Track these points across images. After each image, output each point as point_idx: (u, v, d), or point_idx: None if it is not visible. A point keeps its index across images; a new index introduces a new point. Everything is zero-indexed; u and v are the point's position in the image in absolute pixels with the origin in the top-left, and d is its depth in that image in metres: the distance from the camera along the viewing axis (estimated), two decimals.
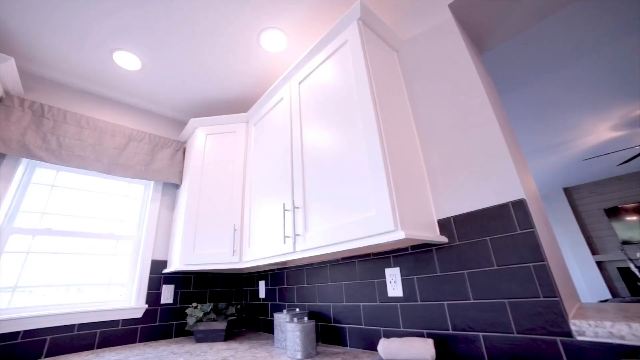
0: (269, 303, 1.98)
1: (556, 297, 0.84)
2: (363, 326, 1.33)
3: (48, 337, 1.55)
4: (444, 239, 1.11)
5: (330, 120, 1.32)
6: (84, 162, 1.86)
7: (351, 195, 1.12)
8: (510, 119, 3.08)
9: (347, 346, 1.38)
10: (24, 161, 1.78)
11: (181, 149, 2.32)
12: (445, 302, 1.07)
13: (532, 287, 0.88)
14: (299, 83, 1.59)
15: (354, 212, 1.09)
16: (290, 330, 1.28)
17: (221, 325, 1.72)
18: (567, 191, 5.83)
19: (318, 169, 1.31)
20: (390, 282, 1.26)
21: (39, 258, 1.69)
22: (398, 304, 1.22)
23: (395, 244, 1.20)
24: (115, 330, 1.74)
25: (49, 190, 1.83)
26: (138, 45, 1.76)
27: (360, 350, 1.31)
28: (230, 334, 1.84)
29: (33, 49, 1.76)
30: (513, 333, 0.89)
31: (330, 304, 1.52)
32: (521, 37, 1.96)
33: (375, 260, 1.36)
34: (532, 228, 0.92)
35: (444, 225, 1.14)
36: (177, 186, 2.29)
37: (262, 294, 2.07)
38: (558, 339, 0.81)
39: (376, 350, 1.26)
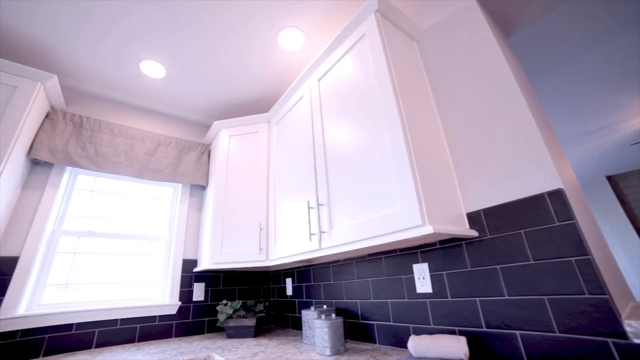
0: (296, 300, 2.01)
1: (604, 294, 0.77)
2: (392, 323, 1.31)
3: (96, 330, 1.68)
4: (474, 233, 1.06)
5: (352, 116, 1.31)
6: (117, 168, 1.98)
7: (376, 191, 1.11)
8: (543, 105, 2.89)
9: (375, 343, 1.37)
10: (68, 169, 1.92)
11: (206, 152, 2.40)
12: (477, 299, 1.03)
13: (575, 283, 0.82)
14: (318, 80, 1.59)
15: (379, 208, 1.07)
16: (318, 326, 1.29)
17: (250, 321, 1.77)
18: (612, 179, 5.38)
19: (341, 166, 1.30)
20: (419, 278, 1.23)
21: (84, 258, 1.82)
22: (427, 300, 1.19)
23: (423, 239, 1.17)
24: (153, 326, 1.84)
25: (89, 195, 1.97)
26: (162, 54, 1.84)
27: (390, 347, 1.30)
28: (260, 331, 1.89)
29: (71, 66, 1.89)
30: (555, 332, 0.84)
31: (358, 300, 1.51)
32: (548, 18, 1.83)
33: (402, 256, 1.33)
34: (572, 220, 0.86)
35: (474, 218, 1.09)
36: (203, 188, 2.37)
37: (289, 291, 2.10)
38: (610, 340, 0.75)
39: (406, 347, 1.24)
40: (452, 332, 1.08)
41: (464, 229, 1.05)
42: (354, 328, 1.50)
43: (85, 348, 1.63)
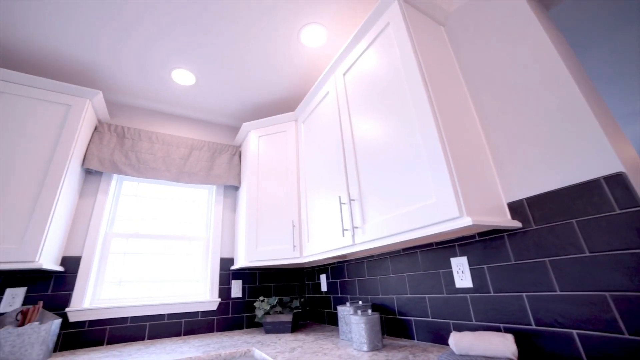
0: (331, 296, 2.02)
1: None
2: (430, 319, 1.27)
3: (147, 324, 1.82)
4: (516, 224, 0.99)
5: (380, 108, 1.28)
6: (157, 173, 2.11)
7: (409, 183, 1.07)
8: (594, 81, 2.62)
9: (413, 339, 1.34)
10: (115, 176, 2.09)
11: (237, 153, 2.48)
12: (524, 294, 0.96)
13: None
14: (344, 75, 1.57)
15: (413, 201, 1.04)
16: (354, 322, 1.28)
17: (287, 317, 1.80)
18: None
19: (372, 160, 1.28)
20: (458, 272, 1.17)
21: (132, 257, 1.98)
22: (468, 295, 1.13)
23: (460, 232, 1.12)
24: (196, 321, 1.95)
25: (133, 199, 2.13)
26: (190, 62, 1.92)
27: (429, 343, 1.26)
28: (296, 326, 1.93)
29: (112, 81, 2.05)
30: (623, 334, 0.75)
31: (394, 296, 1.48)
32: None
33: (438, 249, 1.29)
34: (637, 206, 0.77)
35: (516, 208, 1.02)
36: (236, 188, 2.45)
37: (323, 287, 2.11)
38: None
39: (446, 343, 1.20)
40: (497, 329, 1.02)
41: (505, 220, 0.98)
42: (391, 324, 1.47)
43: (139, 339, 1.77)
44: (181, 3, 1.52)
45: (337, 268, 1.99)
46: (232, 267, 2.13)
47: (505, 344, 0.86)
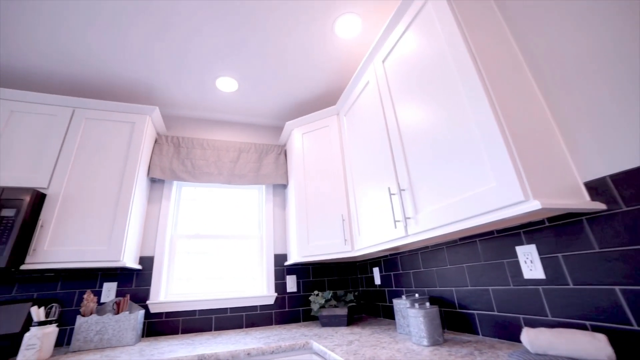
0: (386, 289, 1.98)
1: None
2: (496, 312, 1.18)
3: (213, 316, 1.98)
4: (599, 206, 0.86)
5: (424, 92, 1.21)
6: (210, 177, 2.27)
7: (462, 169, 1.00)
8: None
9: (477, 334, 1.25)
10: (175, 183, 2.29)
11: (282, 152, 2.55)
12: (616, 287, 0.83)
13: None
14: (383, 61, 1.51)
15: (469, 187, 0.97)
16: (412, 316, 1.24)
17: (342, 311, 1.82)
18: None
19: (420, 147, 1.22)
20: (526, 262, 1.07)
21: (194, 256, 2.16)
22: (540, 287, 1.02)
23: (526, 218, 1.01)
24: (256, 314, 2.07)
25: (192, 203, 2.31)
26: (232, 68, 2.01)
27: (495, 339, 1.17)
28: (352, 320, 1.93)
29: (166, 95, 2.24)
30: None
31: (453, 288, 1.41)
32: None
33: (500, 238, 1.18)
34: None
35: (596, 188, 0.89)
36: (284, 186, 2.53)
37: (377, 280, 2.09)
38: None
39: (516, 340, 1.10)
40: (582, 327, 0.90)
41: (583, 202, 0.86)
42: (451, 317, 1.40)
43: (207, 330, 1.94)
44: (216, 9, 1.60)
45: (390, 261, 1.95)
46: (286, 263, 2.21)
47: (595, 344, 0.76)
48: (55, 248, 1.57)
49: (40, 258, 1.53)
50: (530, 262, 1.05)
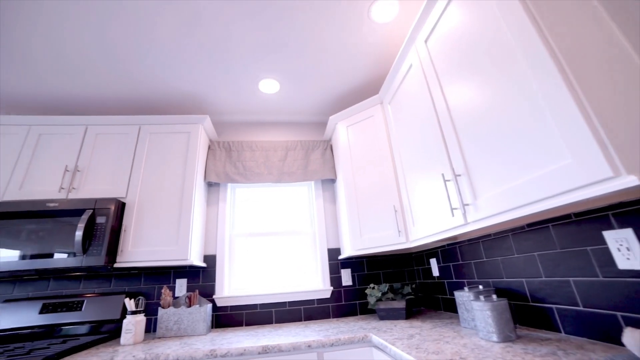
0: (445, 281, 1.88)
1: None
2: (581, 308, 1.04)
3: (273, 310, 2.08)
4: None
5: (475, 68, 1.11)
6: (261, 177, 2.37)
7: (526, 147, 0.89)
8: None
9: (559, 332, 1.12)
10: (229, 185, 2.45)
11: (328, 147, 2.56)
12: None
13: None
14: (425, 42, 1.43)
15: (536, 166, 0.86)
16: (478, 309, 1.16)
17: (400, 304, 1.77)
18: None
19: (474, 128, 1.12)
20: (620, 249, 0.92)
21: (252, 253, 2.29)
22: None
23: (615, 197, 0.86)
24: (313, 308, 2.12)
25: (245, 203, 2.45)
26: (273, 69, 2.07)
27: (584, 339, 1.03)
28: (410, 313, 1.87)
29: (215, 103, 2.40)
30: None
31: (523, 279, 1.28)
32: None
33: (581, 222, 1.04)
34: None
35: None
36: (333, 181, 2.54)
37: (435, 272, 1.99)
38: None
39: (614, 342, 0.94)
40: None
41: None
42: (523, 311, 1.27)
43: (268, 323, 2.05)
44: (252, 11, 1.65)
45: (448, 251, 1.84)
46: (340, 257, 2.23)
47: None
48: (136, 249, 1.81)
49: (126, 257, 1.78)
50: (626, 249, 0.90)
